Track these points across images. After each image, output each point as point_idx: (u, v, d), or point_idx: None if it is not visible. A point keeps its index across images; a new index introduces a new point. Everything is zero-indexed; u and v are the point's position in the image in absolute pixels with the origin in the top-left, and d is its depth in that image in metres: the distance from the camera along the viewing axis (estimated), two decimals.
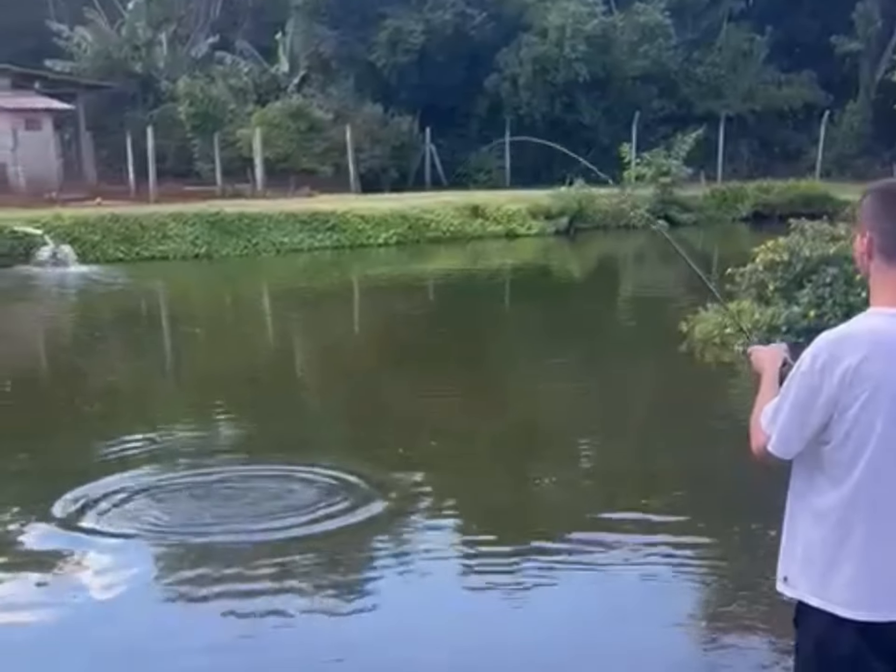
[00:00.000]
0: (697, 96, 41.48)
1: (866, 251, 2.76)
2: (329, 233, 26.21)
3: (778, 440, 2.72)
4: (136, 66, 40.99)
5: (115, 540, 6.73)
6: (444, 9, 38.35)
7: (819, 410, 2.64)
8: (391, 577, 6.23)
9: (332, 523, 6.93)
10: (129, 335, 16.05)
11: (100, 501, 7.39)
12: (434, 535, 6.87)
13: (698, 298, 14.51)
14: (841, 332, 2.68)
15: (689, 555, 6.54)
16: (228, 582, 6.10)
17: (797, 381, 2.68)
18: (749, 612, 5.67)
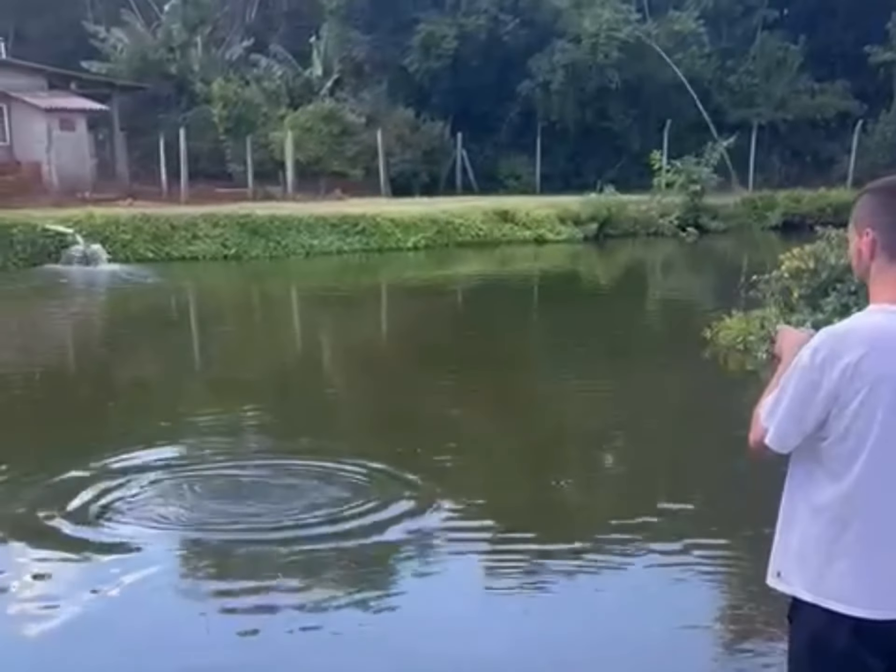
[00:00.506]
0: (730, 104, 41.38)
1: (868, 250, 2.72)
2: (358, 236, 26.31)
3: (775, 434, 2.69)
4: (171, 67, 41.33)
5: (141, 532, 6.72)
6: (478, 14, 38.45)
7: (818, 405, 2.62)
8: (413, 575, 6.23)
9: (355, 521, 6.96)
10: (157, 333, 16.16)
11: (125, 496, 7.42)
12: (455, 535, 6.87)
13: (723, 305, 14.54)
14: (842, 327, 2.66)
15: (703, 558, 6.54)
16: (255, 578, 6.12)
17: (797, 376, 2.64)
18: (762, 615, 5.67)
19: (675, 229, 30.67)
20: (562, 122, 39.01)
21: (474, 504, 7.48)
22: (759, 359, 12.25)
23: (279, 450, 8.91)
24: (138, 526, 6.83)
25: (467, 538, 6.81)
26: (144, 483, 7.74)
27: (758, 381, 12.07)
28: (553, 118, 39.00)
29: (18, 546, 6.72)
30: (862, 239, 2.74)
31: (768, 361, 12.13)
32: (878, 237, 2.70)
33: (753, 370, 12.21)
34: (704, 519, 7.19)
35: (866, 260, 2.74)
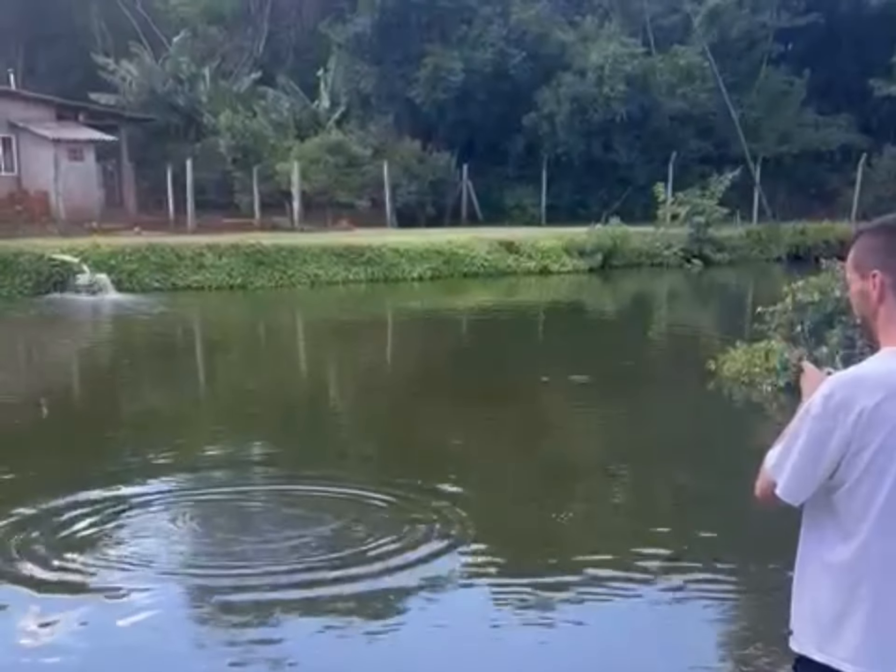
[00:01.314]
0: (735, 137, 41.51)
1: (877, 292, 2.64)
2: (364, 266, 26.38)
3: (787, 485, 2.60)
4: (179, 99, 41.60)
5: (138, 575, 6.57)
6: (485, 48, 38.68)
7: (831, 453, 2.54)
8: (418, 605, 6.23)
9: (360, 551, 6.96)
10: (161, 362, 16.20)
11: (126, 528, 7.41)
12: (460, 565, 6.85)
13: (727, 337, 14.54)
14: (854, 373, 2.59)
15: (708, 594, 6.51)
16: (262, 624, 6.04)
17: (808, 425, 2.56)
18: (767, 654, 5.64)
19: (680, 261, 30.72)
20: (567, 154, 39.16)
21: (476, 535, 7.45)
22: (764, 391, 12.24)
23: (283, 480, 8.89)
24: (136, 567, 6.68)
25: (476, 572, 6.79)
26: (139, 519, 7.68)
27: (762, 413, 12.08)
28: (559, 150, 39.15)
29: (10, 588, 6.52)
30: (868, 281, 2.65)
31: (773, 394, 12.13)
32: (885, 278, 2.63)
33: (758, 402, 12.20)
34: (708, 554, 7.14)
35: (874, 302, 2.66)
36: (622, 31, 40.43)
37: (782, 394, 12.05)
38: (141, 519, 7.70)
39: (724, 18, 41.25)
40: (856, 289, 2.72)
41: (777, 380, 12.23)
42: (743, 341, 13.66)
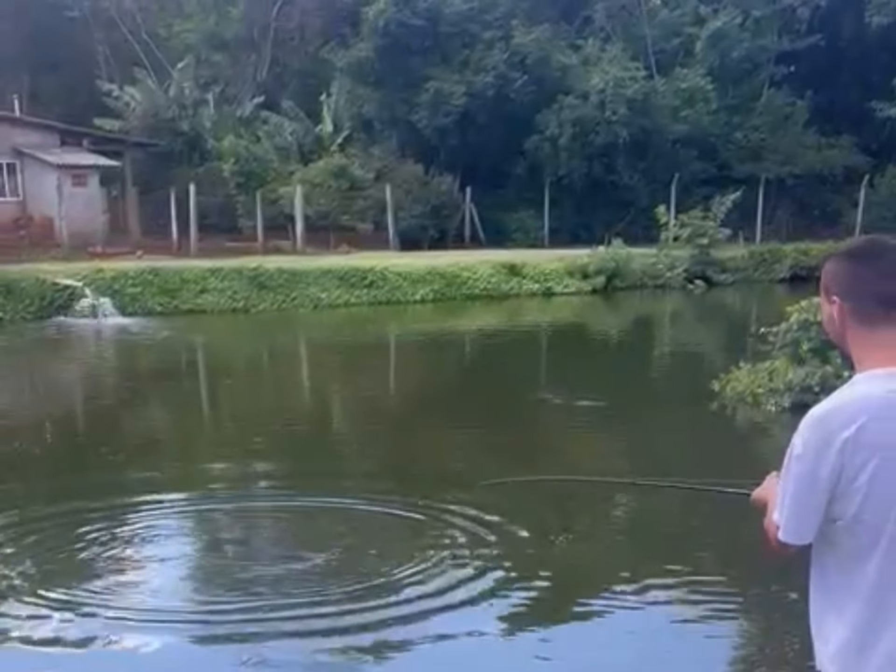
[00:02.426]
0: (737, 159, 41.59)
1: (838, 317, 2.63)
2: (366, 289, 26.39)
3: (786, 527, 2.58)
4: (183, 124, 41.74)
5: (151, 625, 6.30)
6: (486, 72, 38.80)
7: (822, 488, 2.50)
8: (426, 624, 6.19)
9: (354, 562, 6.93)
10: (163, 386, 16.19)
11: (134, 570, 7.30)
12: (466, 585, 6.82)
13: (731, 357, 14.51)
14: (829, 406, 2.54)
15: (713, 615, 6.49)
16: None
17: (794, 466, 2.55)
18: None
19: (683, 282, 30.70)
20: (569, 176, 39.21)
21: (480, 555, 7.43)
22: (768, 411, 12.21)
23: (288, 509, 8.87)
24: (137, 617, 6.40)
25: (473, 589, 6.75)
26: (139, 556, 7.58)
27: (766, 433, 12.05)
28: (561, 173, 39.20)
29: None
30: (831, 306, 2.65)
31: (777, 414, 12.10)
32: (844, 304, 2.61)
33: (762, 423, 12.16)
34: (711, 576, 7.13)
35: (839, 327, 2.65)
36: (624, 55, 40.55)
37: (786, 414, 12.02)
38: (137, 553, 7.64)
39: (726, 42, 41.35)
40: (825, 312, 2.71)
41: (781, 400, 12.20)
42: (746, 361, 13.63)
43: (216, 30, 47.02)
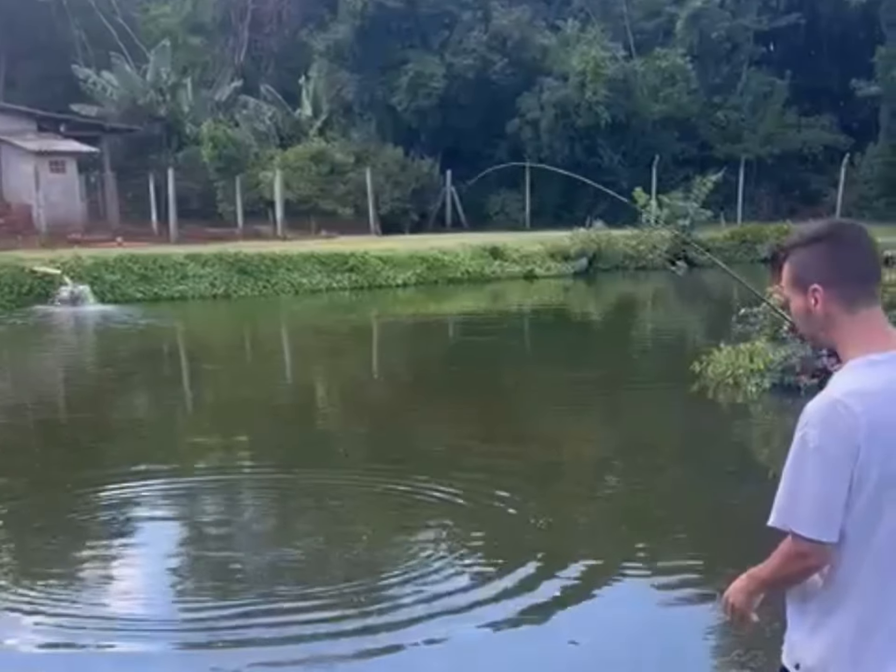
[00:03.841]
0: (717, 140, 41.62)
1: (821, 306, 2.56)
2: (348, 273, 26.29)
3: (816, 522, 2.47)
4: (161, 109, 41.50)
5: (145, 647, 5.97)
6: (466, 54, 38.71)
7: (845, 476, 2.44)
8: (414, 616, 6.11)
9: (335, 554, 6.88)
10: (143, 374, 16.09)
11: (111, 567, 7.14)
12: (446, 575, 6.79)
13: (712, 338, 14.50)
14: (839, 395, 2.47)
15: (687, 597, 6.48)
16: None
17: (813, 459, 2.46)
18: (751, 659, 5.58)
19: (665, 263, 30.68)
20: (550, 158, 39.15)
21: (461, 542, 7.39)
22: (749, 392, 12.20)
23: (275, 506, 8.82)
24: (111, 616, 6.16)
25: (456, 577, 6.72)
26: (117, 551, 7.44)
27: (747, 414, 12.04)
28: (542, 155, 39.14)
29: None
30: (809, 296, 2.57)
31: (758, 394, 12.09)
32: (826, 290, 2.55)
33: (743, 403, 12.15)
34: (688, 559, 7.10)
35: (820, 318, 2.58)
36: (603, 36, 40.52)
37: (767, 394, 12.02)
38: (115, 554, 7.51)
39: (705, 21, 41.34)
40: (798, 306, 2.62)
41: (762, 381, 12.19)
42: (727, 342, 13.62)
43: (193, 13, 46.80)
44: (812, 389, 11.71)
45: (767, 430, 11.68)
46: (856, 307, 2.55)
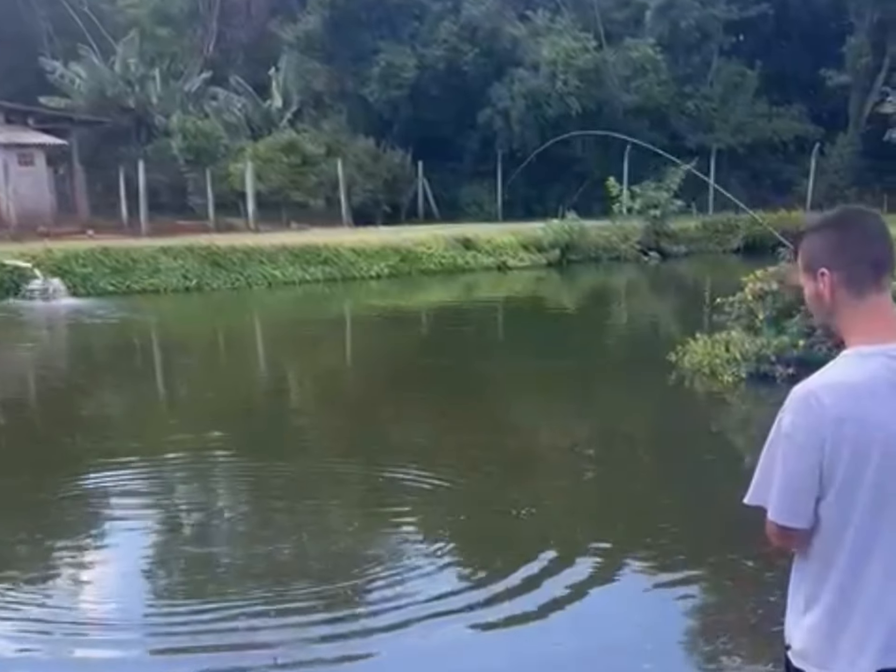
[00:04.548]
0: (689, 130, 41.70)
1: (828, 291, 2.56)
2: (321, 266, 26.20)
3: (780, 506, 2.52)
4: (130, 101, 41.13)
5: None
6: (437, 44, 38.59)
7: (813, 465, 2.46)
8: (380, 610, 6.08)
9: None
10: (116, 368, 15.96)
11: (84, 567, 7.03)
12: (428, 570, 6.77)
13: (687, 328, 14.56)
14: (819, 382, 2.50)
15: (668, 583, 6.50)
16: None
17: (783, 444, 2.49)
18: (734, 645, 5.60)
19: (637, 254, 30.81)
20: (522, 149, 39.14)
21: (437, 532, 7.39)
22: (726, 382, 12.26)
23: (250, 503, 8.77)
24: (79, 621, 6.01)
25: (430, 565, 6.70)
26: (89, 548, 7.36)
27: (724, 403, 12.10)
28: (514, 146, 39.12)
29: None
30: (819, 280, 2.58)
31: (734, 384, 12.16)
32: (834, 275, 2.55)
33: (719, 393, 12.21)
34: (668, 545, 7.12)
35: (828, 303, 2.59)
36: (574, 26, 40.48)
37: (743, 384, 12.09)
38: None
39: (675, 11, 41.38)
40: (809, 291, 2.64)
41: (738, 370, 12.25)
42: (703, 332, 13.68)
43: (161, 4, 46.42)
44: (788, 379, 11.79)
45: (744, 418, 11.75)
46: (863, 292, 2.55)
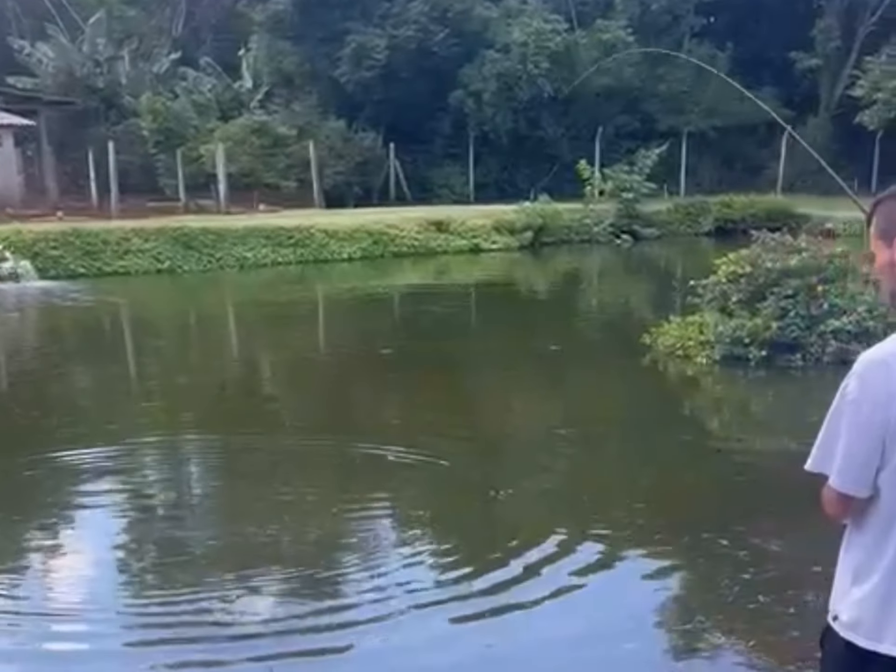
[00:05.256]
0: (660, 112, 41.78)
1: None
2: (293, 248, 26.12)
3: (842, 472, 2.52)
4: (99, 81, 40.78)
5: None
6: (408, 25, 38.44)
7: (878, 433, 2.46)
8: (357, 602, 6.02)
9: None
10: (87, 351, 15.85)
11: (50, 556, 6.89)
12: (397, 549, 6.79)
13: (661, 311, 14.62)
14: (884, 348, 2.50)
15: (644, 564, 6.55)
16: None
17: (848, 410, 2.49)
18: (713, 624, 5.64)
19: (610, 236, 30.87)
20: (494, 131, 39.13)
21: (409, 516, 7.41)
22: (699, 364, 12.32)
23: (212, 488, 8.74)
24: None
25: (403, 551, 6.71)
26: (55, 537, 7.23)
27: (698, 385, 12.17)
28: (485, 128, 39.11)
29: None
30: (893, 250, 2.56)
31: (709, 366, 12.23)
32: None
33: (693, 375, 12.28)
34: (643, 526, 7.15)
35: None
36: (544, 7, 40.46)
37: (717, 366, 12.15)
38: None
39: None
40: (882, 259, 2.62)
41: (712, 352, 12.31)
42: (676, 315, 13.74)
43: None
44: (762, 361, 11.89)
45: (717, 400, 11.83)
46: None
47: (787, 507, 7.16)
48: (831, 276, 12.21)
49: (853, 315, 11.65)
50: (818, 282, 11.99)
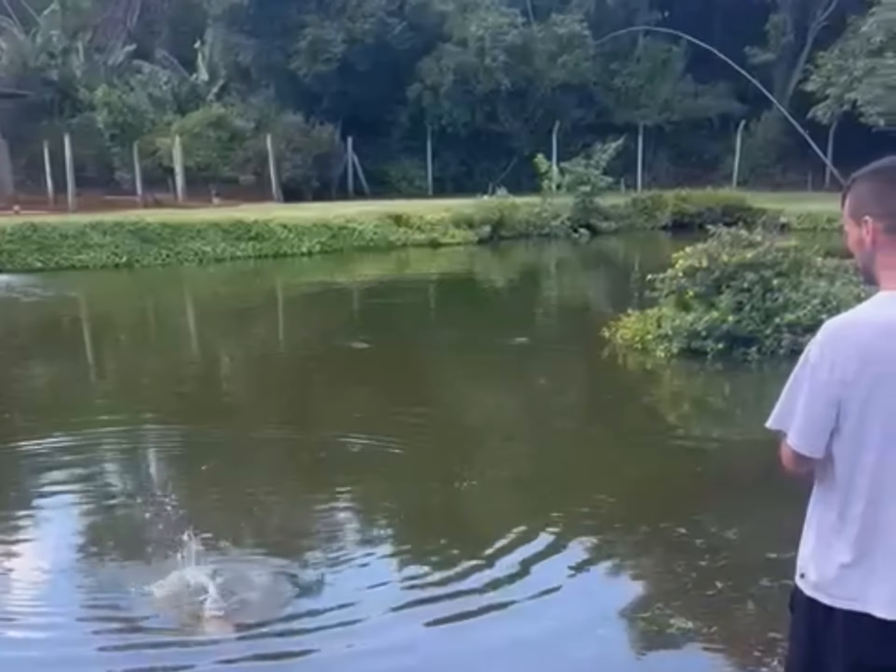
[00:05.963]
0: (616, 106, 42.06)
1: (871, 237, 2.69)
2: (252, 242, 26.05)
3: (800, 432, 2.66)
4: (53, 74, 40.44)
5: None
6: (365, 18, 38.44)
7: (834, 397, 2.61)
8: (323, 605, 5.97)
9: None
10: (40, 343, 15.73)
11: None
12: (365, 541, 6.85)
13: (619, 304, 14.76)
14: (849, 318, 2.66)
15: (602, 554, 6.60)
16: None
17: (808, 374, 2.64)
18: (673, 611, 5.74)
19: (567, 231, 31.05)
20: (452, 125, 39.22)
21: (376, 508, 7.46)
22: (658, 357, 12.48)
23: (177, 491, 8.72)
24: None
25: (370, 546, 6.78)
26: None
27: (656, 378, 12.32)
28: (443, 121, 39.20)
29: None
30: (862, 228, 2.71)
31: (667, 359, 12.38)
32: (877, 223, 2.68)
33: (652, 368, 12.43)
34: (606, 515, 7.23)
35: (869, 248, 2.71)
36: (501, 1, 40.58)
37: (675, 359, 12.31)
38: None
39: None
40: (853, 237, 2.77)
41: (670, 345, 12.48)
42: (634, 308, 13.88)
43: None
44: (719, 354, 12.07)
45: (675, 392, 11.99)
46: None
47: (743, 495, 7.31)
48: (786, 270, 12.42)
49: (807, 308, 11.85)
50: (773, 276, 12.18)
